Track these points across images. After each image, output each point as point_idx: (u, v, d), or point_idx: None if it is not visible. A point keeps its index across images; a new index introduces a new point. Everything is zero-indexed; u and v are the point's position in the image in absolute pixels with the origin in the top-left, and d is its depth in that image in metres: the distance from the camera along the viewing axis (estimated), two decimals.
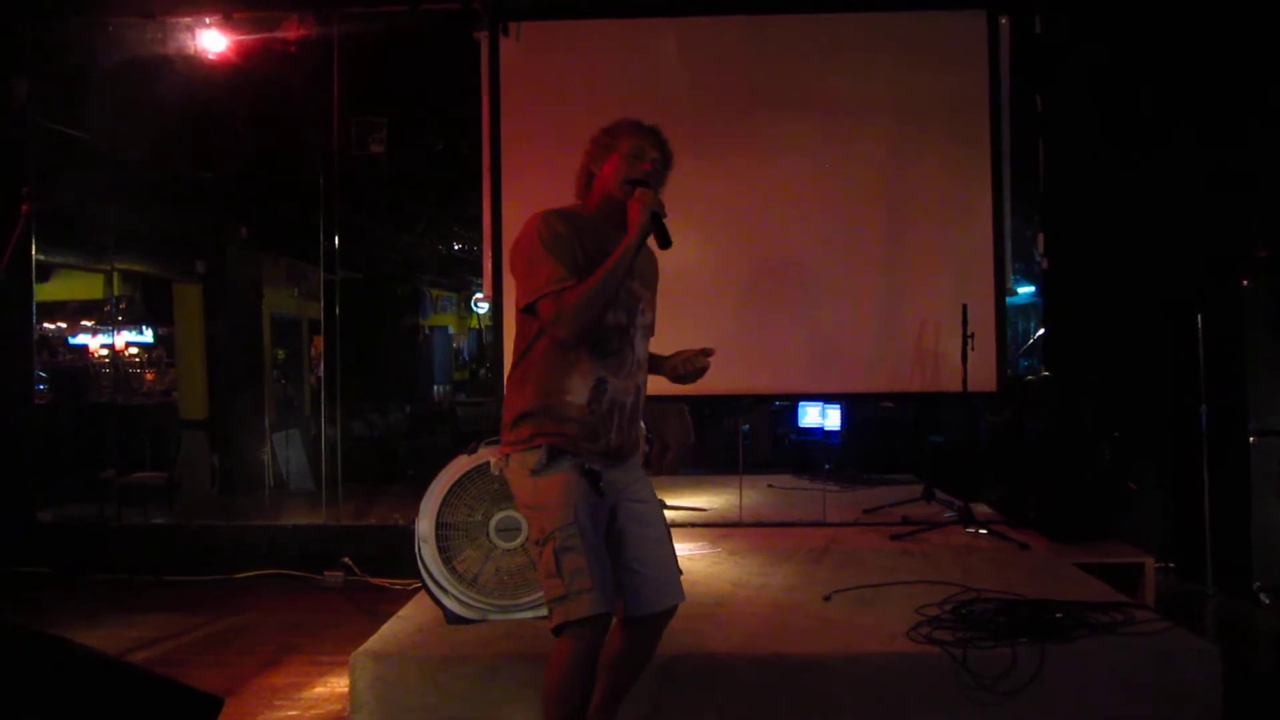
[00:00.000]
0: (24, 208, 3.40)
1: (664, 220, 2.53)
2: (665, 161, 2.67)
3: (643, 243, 2.50)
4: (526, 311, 2.54)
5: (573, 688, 2.46)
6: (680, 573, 2.72)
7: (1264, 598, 4.83)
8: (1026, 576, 4.09)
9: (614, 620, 2.59)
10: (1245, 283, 5.00)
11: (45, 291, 8.27)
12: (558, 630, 2.46)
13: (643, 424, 2.80)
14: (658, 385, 2.78)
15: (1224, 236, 5.37)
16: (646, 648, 2.74)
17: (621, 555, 2.61)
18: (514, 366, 2.64)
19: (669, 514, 3.47)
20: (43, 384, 8.34)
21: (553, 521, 2.47)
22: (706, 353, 2.65)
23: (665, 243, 2.55)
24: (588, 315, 2.46)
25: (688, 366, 2.66)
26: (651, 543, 2.65)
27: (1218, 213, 5.39)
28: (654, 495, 2.75)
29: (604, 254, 2.49)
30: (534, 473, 2.52)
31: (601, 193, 2.61)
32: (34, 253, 5.96)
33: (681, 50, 5.54)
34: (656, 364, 2.75)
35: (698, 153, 5.47)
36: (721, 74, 5.57)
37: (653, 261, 2.78)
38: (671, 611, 2.69)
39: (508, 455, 2.59)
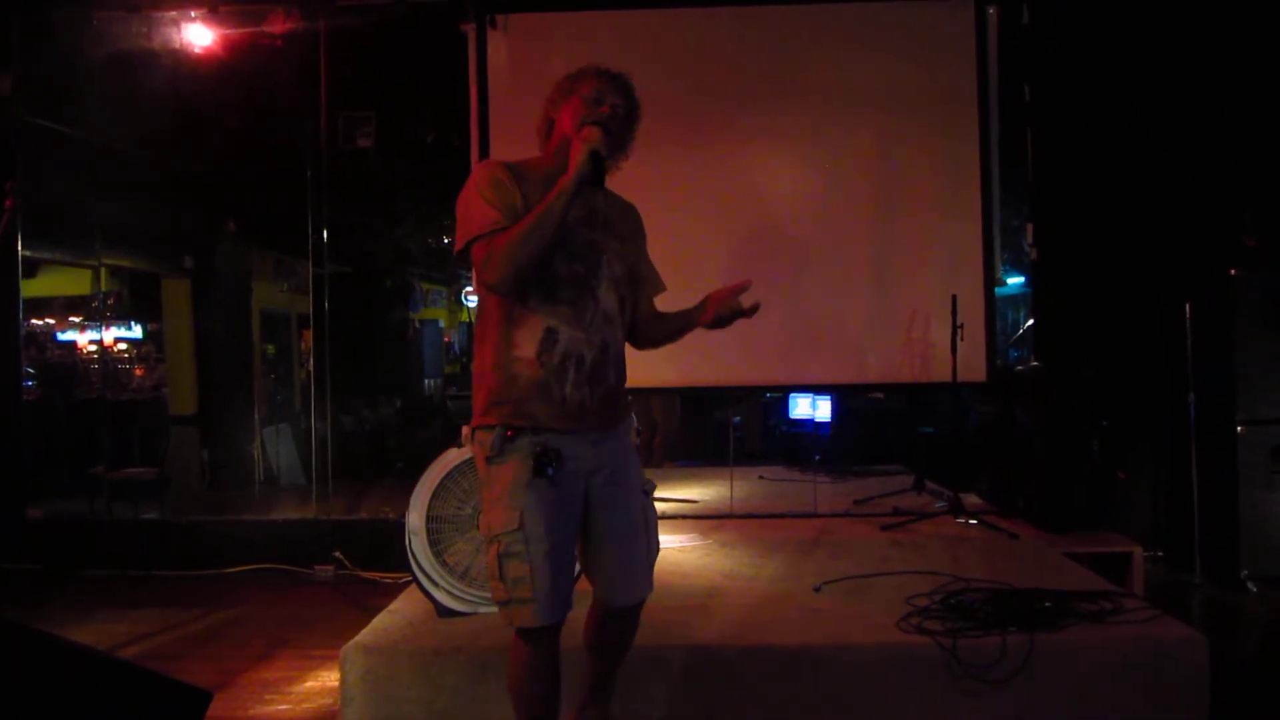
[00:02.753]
0: (9, 203, 3.39)
1: (604, 161, 2.39)
2: (630, 111, 2.53)
3: (581, 182, 2.33)
4: (460, 257, 2.42)
5: (530, 689, 2.44)
6: (651, 563, 2.60)
7: (1251, 586, 4.86)
8: (1016, 566, 4.10)
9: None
10: (1233, 272, 5.01)
11: (32, 287, 8.23)
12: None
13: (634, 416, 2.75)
14: (649, 376, 2.73)
15: (1213, 226, 5.40)
16: (621, 631, 2.66)
17: (589, 541, 2.52)
18: (475, 329, 2.54)
19: (660, 505, 3.48)
20: (31, 380, 8.30)
21: (499, 523, 2.37)
22: (742, 290, 2.51)
23: (598, 182, 2.39)
24: (518, 259, 2.30)
25: (724, 309, 2.50)
26: (621, 531, 2.52)
27: (1207, 202, 5.41)
28: (637, 479, 2.58)
29: None
30: (489, 459, 2.41)
31: (559, 140, 2.51)
32: (20, 248, 5.94)
33: (669, 42, 5.54)
34: (686, 318, 2.60)
35: (686, 144, 5.49)
36: (709, 66, 5.57)
37: (628, 213, 2.67)
38: (638, 604, 2.61)
39: (474, 430, 2.49)
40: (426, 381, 12.35)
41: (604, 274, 2.50)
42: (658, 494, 2.68)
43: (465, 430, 2.62)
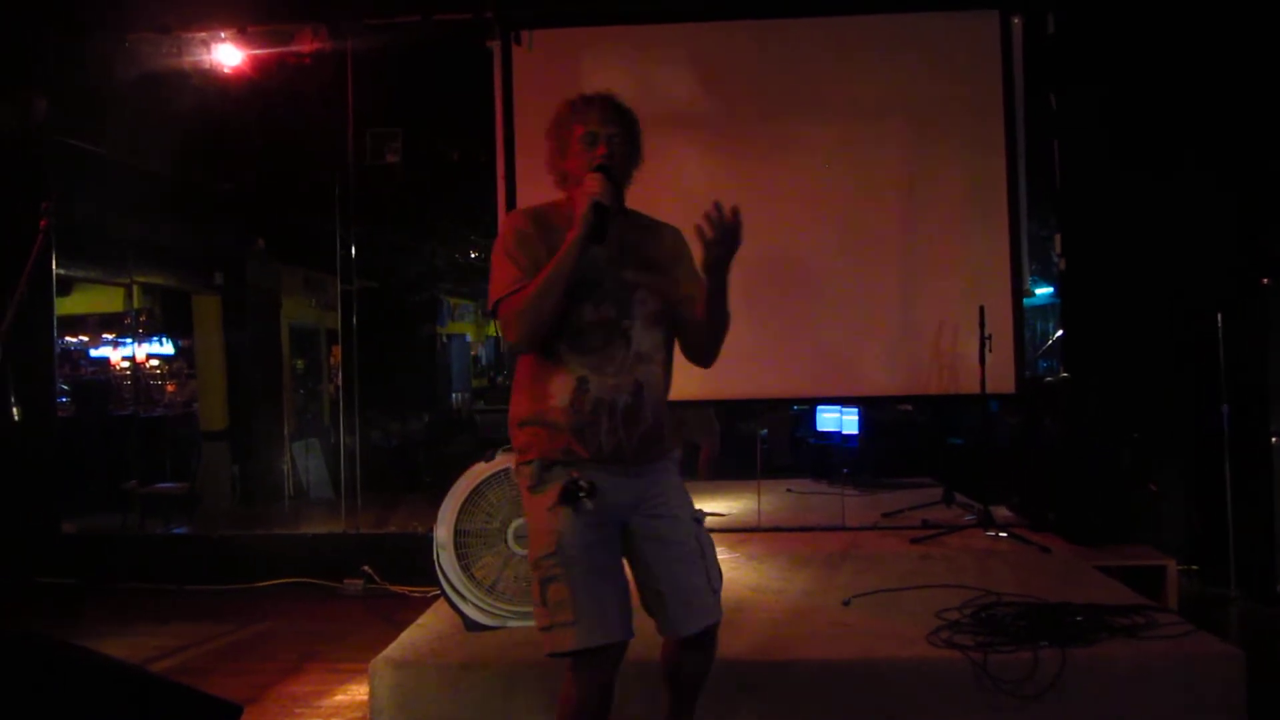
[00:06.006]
0: (44, 223, 3.43)
1: (607, 211, 2.35)
2: (625, 131, 2.49)
3: (586, 237, 2.33)
4: (493, 316, 2.45)
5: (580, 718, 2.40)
6: (715, 590, 2.54)
7: None
8: (1047, 580, 4.06)
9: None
10: (1266, 282, 4.95)
11: (66, 305, 8.39)
12: (550, 656, 2.37)
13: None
14: (676, 390, 2.66)
15: (1244, 235, 5.33)
16: (693, 662, 2.62)
17: (642, 575, 2.50)
18: (516, 370, 2.55)
19: None
20: (65, 397, 8.42)
21: (538, 549, 2.39)
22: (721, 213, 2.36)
23: (598, 237, 2.35)
24: (532, 320, 2.34)
25: (718, 229, 2.35)
26: (672, 562, 2.48)
27: (1238, 211, 5.34)
28: (682, 508, 2.55)
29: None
30: (530, 489, 2.45)
31: (576, 187, 2.47)
32: (54, 267, 6.03)
33: (693, 56, 5.54)
34: (703, 294, 2.44)
35: (711, 158, 5.50)
36: (733, 79, 5.57)
37: (665, 239, 2.58)
38: (708, 631, 2.54)
39: (517, 466, 2.51)
40: (454, 395, 12.44)
41: (636, 313, 2.46)
42: None
43: (512, 463, 2.60)
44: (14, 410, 5.96)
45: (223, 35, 5.86)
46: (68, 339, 10.62)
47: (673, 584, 2.49)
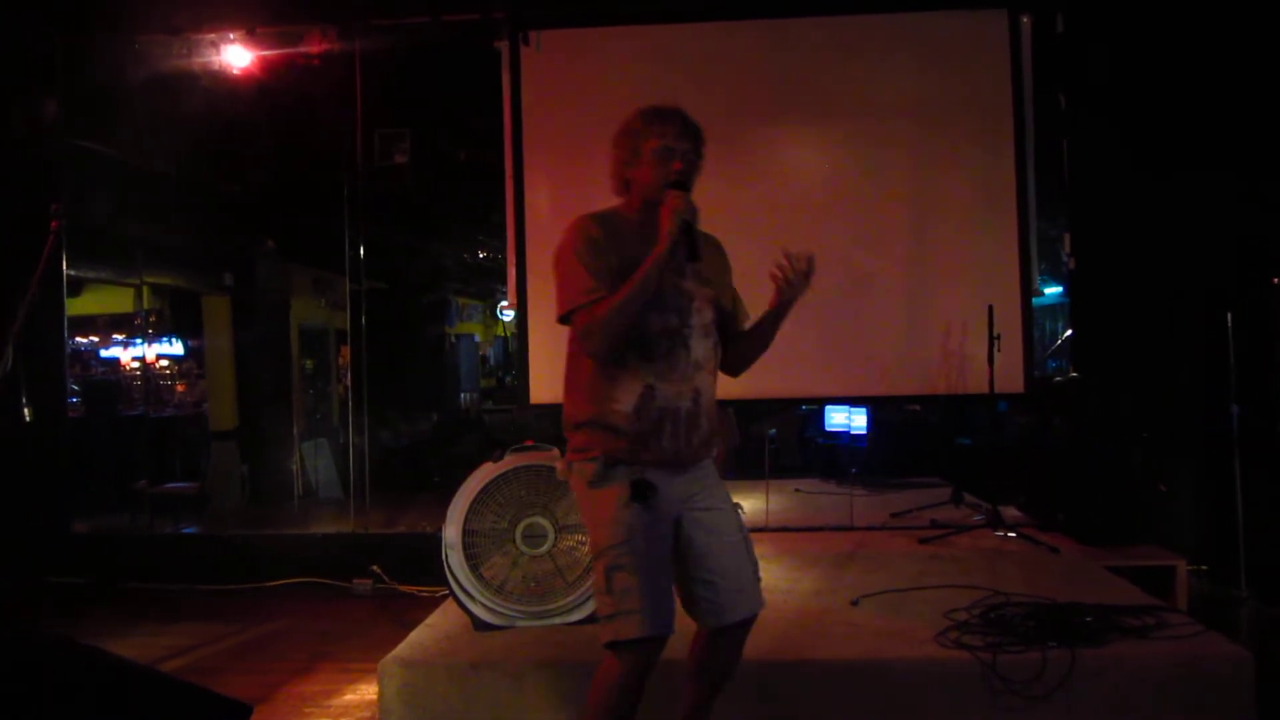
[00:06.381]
0: (54, 224, 3.45)
1: (695, 228, 2.45)
2: (697, 146, 2.59)
3: (673, 253, 2.41)
4: (562, 323, 2.50)
5: (616, 706, 2.44)
6: (758, 579, 2.64)
7: None
8: (1056, 580, 4.05)
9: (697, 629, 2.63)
10: (1275, 281, 4.93)
11: (76, 306, 8.39)
12: (608, 645, 2.43)
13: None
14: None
15: (1254, 234, 5.31)
16: (727, 657, 2.67)
17: (690, 566, 2.56)
18: (566, 372, 2.60)
19: None
20: (75, 397, 8.43)
21: (605, 538, 2.45)
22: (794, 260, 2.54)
23: (692, 255, 2.46)
24: (614, 331, 2.40)
25: (791, 274, 2.56)
26: (721, 551, 2.57)
27: (1247, 210, 5.32)
28: (726, 501, 2.66)
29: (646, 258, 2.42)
30: (590, 485, 2.49)
31: (642, 196, 2.55)
32: (65, 268, 6.05)
33: (701, 56, 5.55)
34: (767, 317, 2.65)
35: (719, 158, 5.44)
36: (742, 79, 5.57)
37: (713, 251, 2.69)
38: (749, 621, 2.62)
39: (571, 463, 2.56)
40: (462, 395, 12.44)
41: (695, 322, 2.55)
42: None
43: (560, 465, 2.65)
44: (25, 410, 5.99)
45: (232, 36, 5.88)
46: (78, 339, 10.64)
47: (724, 572, 2.56)
